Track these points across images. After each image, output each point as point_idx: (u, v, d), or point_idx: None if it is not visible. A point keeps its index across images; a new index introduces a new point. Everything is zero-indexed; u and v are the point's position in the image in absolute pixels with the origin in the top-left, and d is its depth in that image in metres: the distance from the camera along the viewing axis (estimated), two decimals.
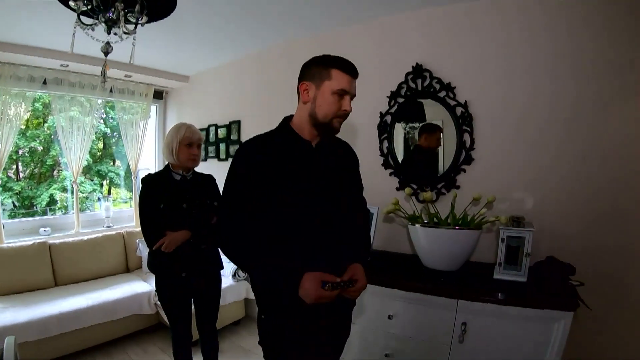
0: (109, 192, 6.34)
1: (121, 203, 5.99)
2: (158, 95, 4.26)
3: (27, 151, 5.57)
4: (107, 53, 1.68)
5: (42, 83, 3.28)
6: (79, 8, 1.46)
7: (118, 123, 4.03)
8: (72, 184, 3.64)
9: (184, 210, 1.93)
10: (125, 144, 4.00)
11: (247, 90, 3.39)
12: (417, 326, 1.83)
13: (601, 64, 1.80)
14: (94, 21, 1.55)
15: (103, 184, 6.29)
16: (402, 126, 2.45)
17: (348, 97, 1.19)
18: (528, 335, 1.59)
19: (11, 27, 2.55)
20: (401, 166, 2.44)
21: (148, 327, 3.06)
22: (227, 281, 3.09)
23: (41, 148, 5.61)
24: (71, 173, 3.61)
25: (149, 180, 1.97)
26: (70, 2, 1.47)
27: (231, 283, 3.14)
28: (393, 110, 2.44)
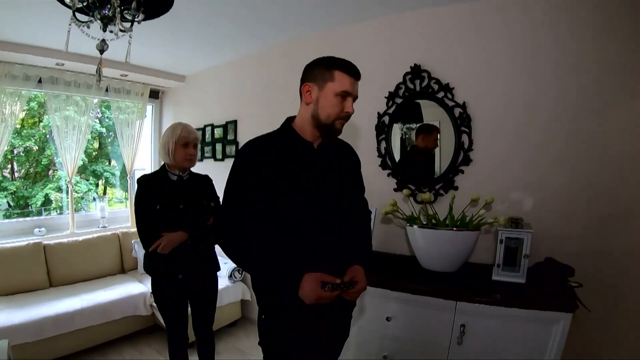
0: (105, 192, 6.30)
1: (117, 203, 5.96)
2: (154, 94, 4.24)
3: (22, 151, 5.53)
4: (103, 51, 1.65)
5: (37, 82, 3.25)
6: (75, 4, 1.44)
7: (114, 122, 4.00)
8: (67, 184, 3.61)
9: (181, 211, 1.91)
10: (121, 144, 3.97)
11: (245, 89, 3.37)
12: (416, 328, 1.82)
13: (602, 65, 1.79)
14: (90, 18, 1.53)
15: (98, 184, 6.26)
16: (400, 127, 2.44)
17: (350, 99, 1.20)
18: (527, 336, 1.58)
19: (6, 25, 2.52)
20: (398, 167, 2.43)
21: (144, 329, 3.04)
22: (224, 282, 3.07)
23: (36, 147, 5.57)
24: (66, 173, 3.58)
25: (145, 180, 1.95)
26: None
27: (227, 284, 3.12)
28: (391, 111, 2.43)
